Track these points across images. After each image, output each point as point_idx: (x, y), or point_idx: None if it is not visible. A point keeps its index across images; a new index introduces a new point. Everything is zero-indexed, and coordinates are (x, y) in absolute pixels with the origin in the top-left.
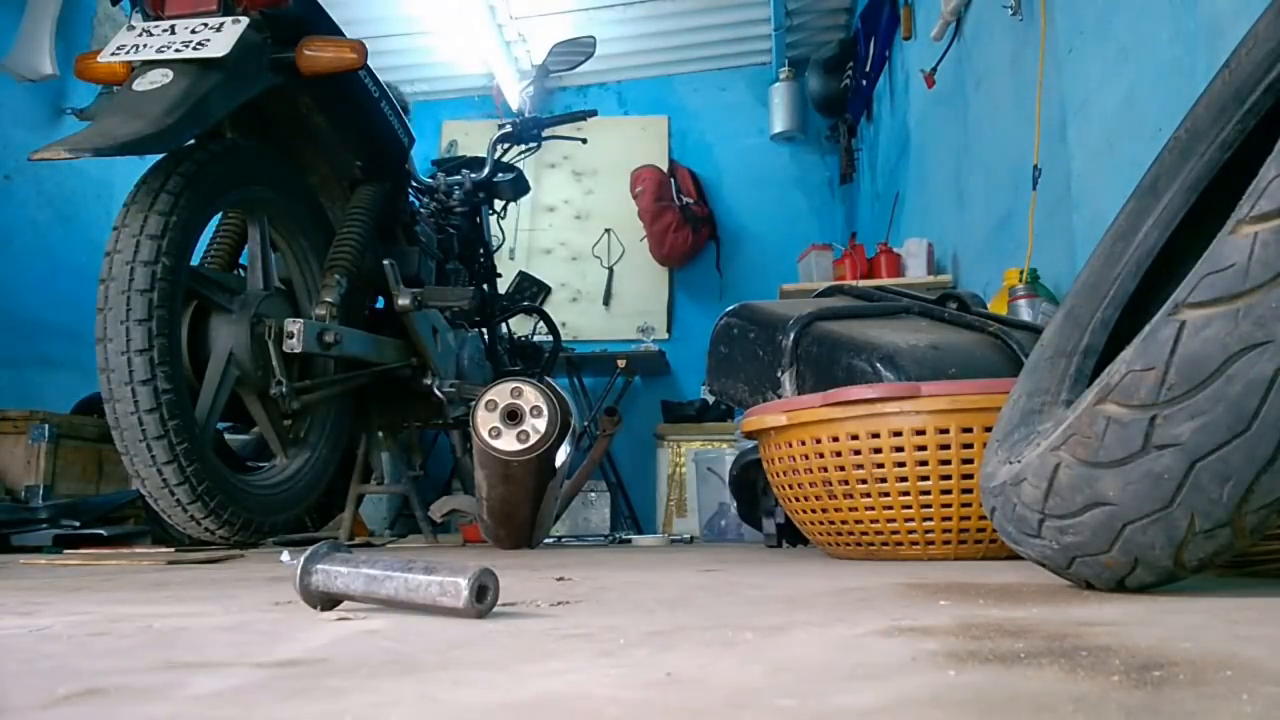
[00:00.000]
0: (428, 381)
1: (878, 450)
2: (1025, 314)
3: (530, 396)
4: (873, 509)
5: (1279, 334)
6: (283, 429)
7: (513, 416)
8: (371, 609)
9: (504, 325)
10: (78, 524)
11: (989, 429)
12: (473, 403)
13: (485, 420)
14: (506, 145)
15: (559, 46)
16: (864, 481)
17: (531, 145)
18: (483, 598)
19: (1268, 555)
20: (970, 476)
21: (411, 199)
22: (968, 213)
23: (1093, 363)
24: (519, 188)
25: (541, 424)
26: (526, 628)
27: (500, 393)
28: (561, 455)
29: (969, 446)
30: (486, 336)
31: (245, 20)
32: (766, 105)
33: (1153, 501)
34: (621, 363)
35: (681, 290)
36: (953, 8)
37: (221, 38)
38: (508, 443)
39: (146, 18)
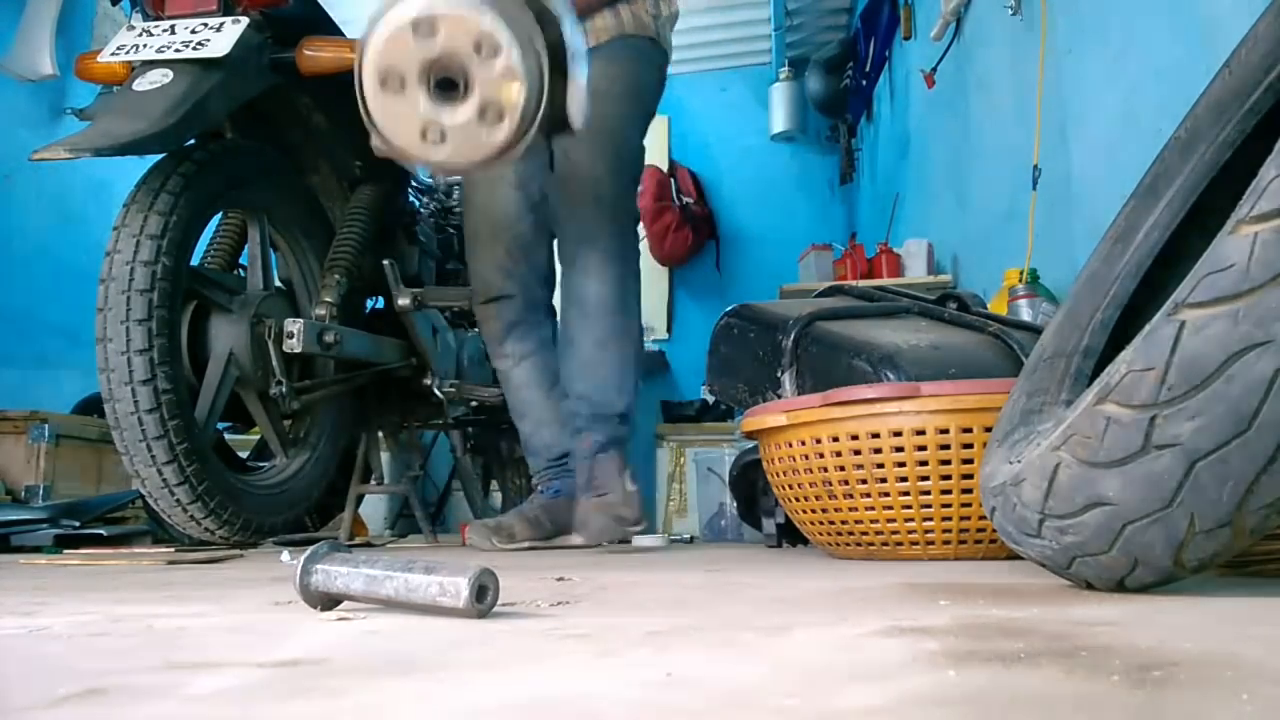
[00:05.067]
0: (428, 381)
1: (878, 450)
2: (1025, 314)
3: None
4: (873, 509)
5: (1279, 334)
6: (283, 429)
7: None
8: (371, 609)
9: None
10: (78, 524)
11: (989, 429)
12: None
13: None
14: None
15: None
16: (864, 481)
17: None
18: (483, 598)
19: (1268, 555)
20: (970, 476)
21: (411, 199)
22: (968, 213)
23: (1092, 363)
24: None
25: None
26: (526, 628)
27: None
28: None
29: (969, 446)
30: None
31: (245, 20)
32: (766, 105)
33: (1153, 501)
34: None
35: (681, 290)
36: (953, 8)
37: (221, 38)
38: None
39: (146, 18)
